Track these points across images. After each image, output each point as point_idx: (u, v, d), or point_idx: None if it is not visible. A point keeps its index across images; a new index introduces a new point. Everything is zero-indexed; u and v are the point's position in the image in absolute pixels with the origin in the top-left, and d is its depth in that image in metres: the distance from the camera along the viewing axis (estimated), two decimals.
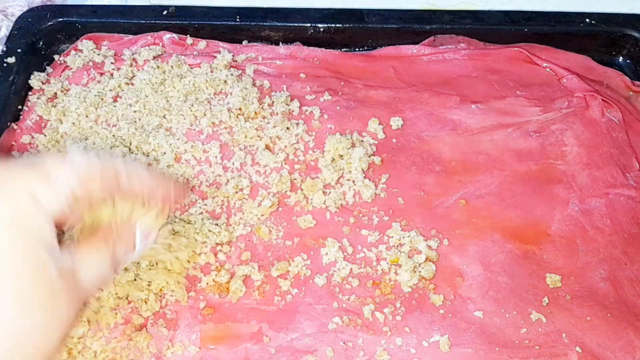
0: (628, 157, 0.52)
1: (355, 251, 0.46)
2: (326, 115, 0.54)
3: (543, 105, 0.55)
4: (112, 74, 0.55)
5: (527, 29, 0.59)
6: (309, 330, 0.43)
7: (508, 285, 0.45)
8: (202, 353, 0.41)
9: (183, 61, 0.56)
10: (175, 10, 0.59)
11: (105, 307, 0.41)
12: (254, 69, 0.56)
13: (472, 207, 0.49)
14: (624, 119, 0.55)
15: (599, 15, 0.60)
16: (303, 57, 0.58)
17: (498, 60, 0.58)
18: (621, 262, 0.46)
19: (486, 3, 0.68)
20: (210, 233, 0.45)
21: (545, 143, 0.53)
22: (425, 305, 0.44)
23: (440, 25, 0.59)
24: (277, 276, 0.45)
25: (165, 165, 0.49)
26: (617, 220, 0.49)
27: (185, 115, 0.52)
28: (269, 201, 0.47)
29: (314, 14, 0.59)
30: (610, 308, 0.44)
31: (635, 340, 0.43)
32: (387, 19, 0.59)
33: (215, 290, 0.44)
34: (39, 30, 0.57)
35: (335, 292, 0.44)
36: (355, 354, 0.42)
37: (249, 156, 0.50)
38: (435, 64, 0.58)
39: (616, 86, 0.58)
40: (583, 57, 0.59)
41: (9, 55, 0.54)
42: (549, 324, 0.43)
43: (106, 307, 0.41)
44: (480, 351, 0.42)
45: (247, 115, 0.53)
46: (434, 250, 0.46)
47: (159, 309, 0.42)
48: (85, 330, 0.41)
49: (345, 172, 0.50)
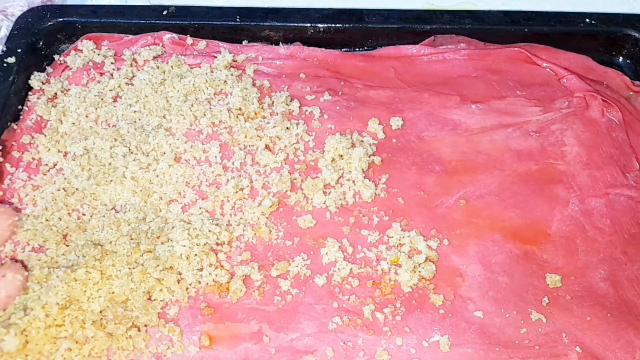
0: (628, 157, 0.52)
1: (355, 251, 0.46)
2: (326, 115, 0.54)
3: (543, 105, 0.55)
4: (112, 74, 0.55)
5: (527, 29, 0.59)
6: (309, 330, 0.43)
7: (508, 285, 0.45)
8: (202, 353, 0.41)
9: (183, 61, 0.56)
10: (175, 10, 0.59)
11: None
12: (254, 69, 0.56)
13: (472, 207, 0.49)
14: (624, 119, 0.55)
15: (599, 15, 0.60)
16: (303, 57, 0.58)
17: (498, 60, 0.58)
18: (621, 262, 0.46)
19: (486, 3, 0.68)
20: (210, 233, 0.45)
21: (545, 143, 0.53)
22: (425, 305, 0.44)
23: (440, 25, 0.59)
24: (277, 276, 0.45)
25: (165, 165, 0.49)
26: (617, 220, 0.49)
27: (185, 115, 0.52)
28: (269, 201, 0.47)
29: (314, 14, 0.59)
30: (610, 308, 0.44)
31: (635, 340, 0.43)
32: (387, 19, 0.59)
33: (215, 290, 0.44)
34: (39, 30, 0.57)
35: (335, 292, 0.44)
36: (355, 354, 0.42)
37: (249, 156, 0.50)
38: (435, 64, 0.58)
39: (616, 86, 0.58)
40: (583, 57, 0.59)
41: (9, 55, 0.54)
42: (549, 324, 0.43)
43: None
44: (480, 351, 0.42)
45: (247, 115, 0.53)
46: (434, 250, 0.46)
47: (159, 309, 0.42)
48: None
49: (345, 172, 0.50)
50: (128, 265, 0.43)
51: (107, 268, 0.42)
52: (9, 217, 0.43)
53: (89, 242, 0.44)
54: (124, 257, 0.43)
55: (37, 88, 0.54)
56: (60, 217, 0.46)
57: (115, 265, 0.43)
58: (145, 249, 0.44)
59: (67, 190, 0.47)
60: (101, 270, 0.42)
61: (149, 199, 0.47)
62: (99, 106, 0.52)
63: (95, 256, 0.43)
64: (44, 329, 0.40)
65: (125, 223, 0.45)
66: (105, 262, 0.43)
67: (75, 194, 0.47)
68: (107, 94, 0.54)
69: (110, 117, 0.52)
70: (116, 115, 0.52)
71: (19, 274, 0.40)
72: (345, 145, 0.50)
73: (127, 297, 0.42)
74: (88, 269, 0.42)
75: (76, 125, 0.51)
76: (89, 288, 0.42)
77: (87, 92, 0.53)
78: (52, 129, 0.51)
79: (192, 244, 0.44)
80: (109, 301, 0.42)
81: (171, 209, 0.47)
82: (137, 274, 0.42)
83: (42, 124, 0.52)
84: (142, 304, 0.42)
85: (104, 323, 0.41)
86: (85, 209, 0.47)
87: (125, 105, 0.53)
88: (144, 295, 0.42)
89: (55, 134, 0.51)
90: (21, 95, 0.54)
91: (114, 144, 0.49)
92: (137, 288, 0.42)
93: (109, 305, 0.42)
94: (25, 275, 0.41)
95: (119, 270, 0.43)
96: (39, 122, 0.52)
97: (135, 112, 0.52)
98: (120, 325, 0.41)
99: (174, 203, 0.47)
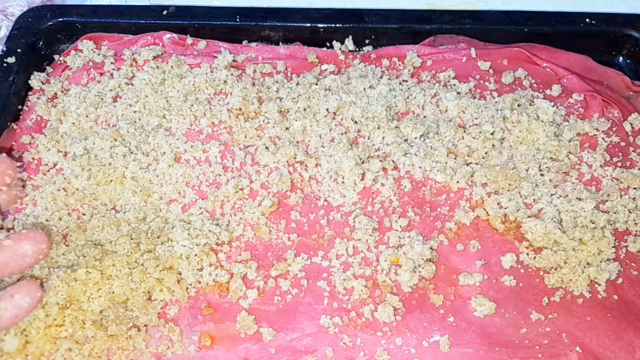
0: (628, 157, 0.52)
1: (355, 251, 0.46)
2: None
3: None
4: (112, 74, 0.55)
5: (527, 29, 0.59)
6: (309, 330, 0.43)
7: (508, 286, 0.45)
8: (202, 353, 0.41)
9: (183, 61, 0.56)
10: (175, 10, 0.59)
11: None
12: (254, 69, 0.56)
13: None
14: (624, 119, 0.54)
15: (599, 15, 0.60)
16: (303, 57, 0.58)
17: (498, 60, 0.58)
18: (622, 262, 0.46)
19: (486, 3, 0.68)
20: (210, 233, 0.45)
21: None
22: (425, 305, 0.44)
23: (440, 25, 0.59)
24: (277, 276, 0.45)
25: (165, 165, 0.49)
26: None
27: (185, 115, 0.52)
28: (269, 201, 0.47)
29: (314, 14, 0.59)
30: (610, 308, 0.44)
31: (635, 340, 0.43)
32: (387, 19, 0.59)
33: (215, 290, 0.44)
34: (39, 30, 0.57)
35: (335, 292, 0.44)
36: (355, 354, 0.42)
37: (249, 156, 0.50)
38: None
39: (616, 86, 0.58)
40: (583, 57, 0.59)
41: (9, 55, 0.54)
42: (549, 324, 0.43)
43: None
44: (480, 351, 0.42)
45: (247, 115, 0.53)
46: (434, 250, 0.46)
47: (159, 309, 0.42)
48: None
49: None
50: (128, 265, 0.43)
51: (107, 268, 0.42)
52: (35, 244, 0.40)
53: (89, 242, 0.44)
54: (124, 257, 0.43)
55: (37, 88, 0.54)
56: (60, 217, 0.46)
57: (115, 265, 0.43)
58: (145, 249, 0.44)
59: (67, 190, 0.47)
60: (101, 270, 0.42)
61: (149, 199, 0.47)
62: (99, 106, 0.52)
63: (95, 256, 0.43)
64: (44, 329, 0.40)
65: (125, 223, 0.45)
66: (106, 262, 0.43)
67: (75, 194, 0.47)
68: (107, 94, 0.54)
69: (110, 117, 0.52)
70: (116, 115, 0.52)
71: (27, 297, 0.39)
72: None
73: (127, 297, 0.42)
74: (88, 269, 0.42)
75: (76, 125, 0.51)
76: (89, 288, 0.42)
77: (87, 92, 0.53)
78: (52, 129, 0.51)
79: (192, 244, 0.44)
80: (109, 301, 0.42)
81: (171, 209, 0.47)
82: (137, 274, 0.42)
83: (42, 124, 0.52)
84: (142, 304, 0.42)
85: (104, 323, 0.41)
86: (85, 209, 0.47)
87: (125, 105, 0.53)
88: (144, 295, 0.42)
89: (55, 134, 0.51)
90: (21, 95, 0.54)
91: (114, 144, 0.49)
92: (137, 288, 0.42)
93: (109, 305, 0.42)
94: (38, 295, 0.39)
95: (119, 270, 0.43)
96: (39, 122, 0.52)
97: (135, 112, 0.52)
98: (120, 325, 0.41)
99: (174, 203, 0.47)
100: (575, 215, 0.47)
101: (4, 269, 0.39)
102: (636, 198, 0.49)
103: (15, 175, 0.44)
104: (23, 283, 0.39)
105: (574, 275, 0.45)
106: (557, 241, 0.46)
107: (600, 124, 0.53)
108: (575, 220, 0.47)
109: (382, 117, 0.51)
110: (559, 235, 0.46)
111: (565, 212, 0.48)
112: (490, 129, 0.51)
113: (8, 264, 0.39)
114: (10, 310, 0.38)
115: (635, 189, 0.50)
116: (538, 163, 0.50)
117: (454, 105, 0.53)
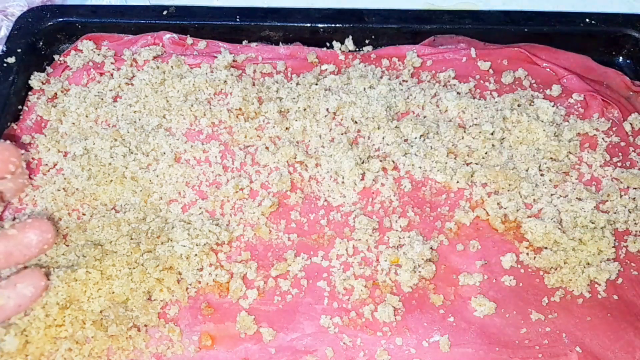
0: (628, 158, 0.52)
1: (356, 251, 0.46)
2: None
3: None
4: (112, 74, 0.55)
5: (527, 29, 0.59)
6: (309, 330, 0.43)
7: (508, 286, 0.45)
8: (202, 353, 0.41)
9: (183, 61, 0.56)
10: (175, 10, 0.59)
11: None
12: (254, 69, 0.56)
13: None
14: (624, 119, 0.54)
15: (599, 15, 0.60)
16: (303, 57, 0.58)
17: (498, 60, 0.58)
18: (622, 262, 0.46)
19: (486, 3, 0.68)
20: (210, 233, 0.45)
21: None
22: (425, 305, 0.44)
23: (440, 25, 0.59)
24: (277, 276, 0.45)
25: (165, 165, 0.49)
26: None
27: (185, 115, 0.52)
28: (269, 201, 0.47)
29: (314, 14, 0.59)
30: (610, 308, 0.44)
31: (635, 340, 0.43)
32: (387, 19, 0.59)
33: (215, 290, 0.44)
34: (39, 30, 0.57)
35: (335, 292, 0.44)
36: (355, 354, 0.42)
37: (249, 156, 0.50)
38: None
39: (616, 86, 0.58)
40: (583, 57, 0.59)
41: (9, 55, 0.54)
42: (549, 324, 0.43)
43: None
44: (480, 351, 0.42)
45: (247, 115, 0.53)
46: (434, 250, 0.46)
47: (159, 309, 0.42)
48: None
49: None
50: (128, 265, 0.43)
51: (107, 268, 0.42)
52: (41, 233, 0.40)
53: (89, 242, 0.44)
54: (124, 257, 0.43)
55: (37, 88, 0.54)
56: (60, 217, 0.46)
57: (115, 265, 0.43)
58: (145, 249, 0.44)
59: (67, 190, 0.47)
60: (101, 270, 0.42)
61: (149, 199, 0.47)
62: (99, 106, 0.52)
63: (95, 256, 0.43)
64: (44, 329, 0.40)
65: (125, 223, 0.45)
66: (106, 262, 0.43)
67: (75, 194, 0.47)
68: (107, 94, 0.54)
69: (110, 117, 0.52)
70: (116, 115, 0.52)
71: (31, 286, 0.38)
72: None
73: (127, 297, 0.42)
74: (88, 269, 0.42)
75: (76, 125, 0.51)
76: (89, 288, 0.42)
77: (87, 92, 0.53)
78: (52, 129, 0.51)
79: (192, 244, 0.44)
80: (109, 301, 0.42)
81: (171, 209, 0.47)
82: (137, 274, 0.42)
83: (42, 124, 0.52)
84: (142, 304, 0.42)
85: (104, 323, 0.41)
86: (85, 209, 0.47)
87: (125, 105, 0.53)
88: (144, 295, 0.42)
89: (55, 134, 0.51)
90: (21, 95, 0.54)
91: (114, 144, 0.49)
92: (137, 288, 0.42)
93: (109, 305, 0.42)
94: (42, 285, 0.39)
95: (119, 270, 0.43)
96: (39, 122, 0.52)
97: (135, 112, 0.52)
98: (120, 325, 0.41)
99: (174, 203, 0.47)
100: (575, 215, 0.47)
101: (8, 258, 0.38)
102: (636, 198, 0.49)
103: (20, 163, 0.43)
104: (27, 272, 0.39)
105: (574, 275, 0.45)
106: (557, 241, 0.46)
107: (600, 124, 0.53)
108: (575, 220, 0.47)
109: (382, 117, 0.51)
110: (559, 235, 0.46)
111: (565, 212, 0.48)
112: (490, 129, 0.52)
113: (13, 253, 0.38)
114: (14, 299, 0.38)
115: (635, 189, 0.50)
116: (538, 163, 0.50)
117: (454, 105, 0.53)
